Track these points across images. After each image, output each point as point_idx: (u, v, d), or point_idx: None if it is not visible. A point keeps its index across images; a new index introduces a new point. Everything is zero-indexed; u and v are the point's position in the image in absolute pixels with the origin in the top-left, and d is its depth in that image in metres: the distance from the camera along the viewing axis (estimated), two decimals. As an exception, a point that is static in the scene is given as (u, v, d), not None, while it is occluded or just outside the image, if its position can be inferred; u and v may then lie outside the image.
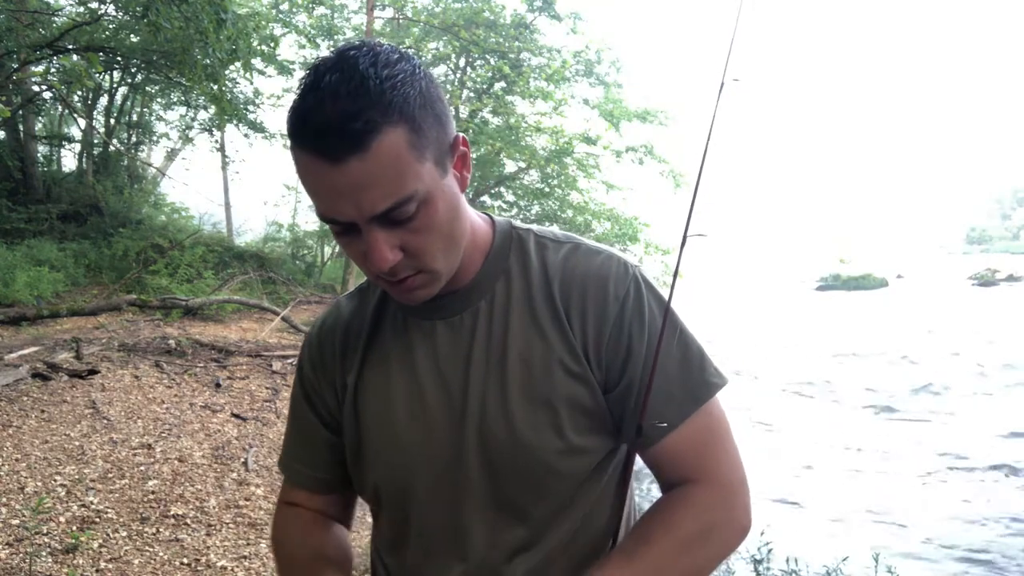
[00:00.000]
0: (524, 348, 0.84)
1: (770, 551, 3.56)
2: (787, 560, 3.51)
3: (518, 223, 0.92)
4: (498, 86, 13.68)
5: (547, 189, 14.61)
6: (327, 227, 0.80)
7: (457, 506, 0.85)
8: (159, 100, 14.90)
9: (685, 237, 0.86)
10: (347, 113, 0.68)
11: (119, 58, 11.50)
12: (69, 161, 14.25)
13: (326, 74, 0.70)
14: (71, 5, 11.34)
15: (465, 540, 0.85)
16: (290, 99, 0.75)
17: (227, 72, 10.37)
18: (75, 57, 10.09)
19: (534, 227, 0.92)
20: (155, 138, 15.63)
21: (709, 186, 0.89)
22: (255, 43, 9.67)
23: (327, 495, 0.97)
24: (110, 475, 4.05)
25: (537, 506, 0.84)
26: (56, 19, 10.42)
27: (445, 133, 0.76)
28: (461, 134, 0.80)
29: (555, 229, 0.93)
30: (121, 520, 3.55)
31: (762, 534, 3.74)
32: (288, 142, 0.74)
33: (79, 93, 12.67)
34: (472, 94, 14.39)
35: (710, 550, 0.80)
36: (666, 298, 0.86)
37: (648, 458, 0.86)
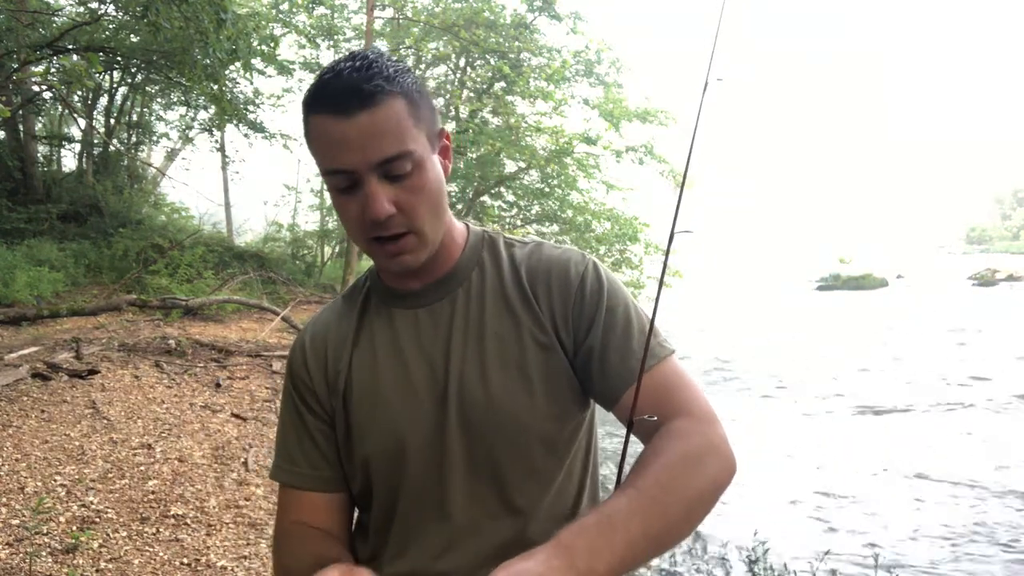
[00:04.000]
0: (498, 326, 0.94)
1: (766, 551, 3.56)
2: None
3: (488, 228, 1.05)
4: (498, 86, 13.67)
5: (547, 189, 14.59)
6: (327, 228, 0.83)
7: (442, 470, 0.92)
8: (159, 100, 14.89)
9: (672, 234, 0.92)
10: (360, 79, 0.81)
11: (119, 58, 11.50)
12: (69, 161, 14.26)
13: (342, 62, 0.84)
14: (71, 5, 11.34)
15: (448, 502, 0.92)
16: (290, 99, 0.80)
17: (227, 72, 10.38)
18: (75, 57, 10.08)
19: (503, 232, 1.04)
20: (155, 138, 15.62)
21: (707, 185, 0.91)
22: (255, 43, 9.65)
23: (335, 492, 1.00)
24: (110, 475, 4.05)
25: (512, 469, 0.92)
26: (56, 19, 10.41)
27: (434, 120, 0.90)
28: (447, 129, 0.92)
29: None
30: (121, 520, 3.55)
31: (755, 534, 3.75)
32: (287, 143, 0.78)
33: (79, 93, 12.66)
34: (472, 94, 14.38)
35: (701, 476, 0.82)
36: (620, 283, 0.98)
37: (621, 414, 0.92)
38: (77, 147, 13.80)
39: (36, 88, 11.31)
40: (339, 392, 0.97)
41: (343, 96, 0.81)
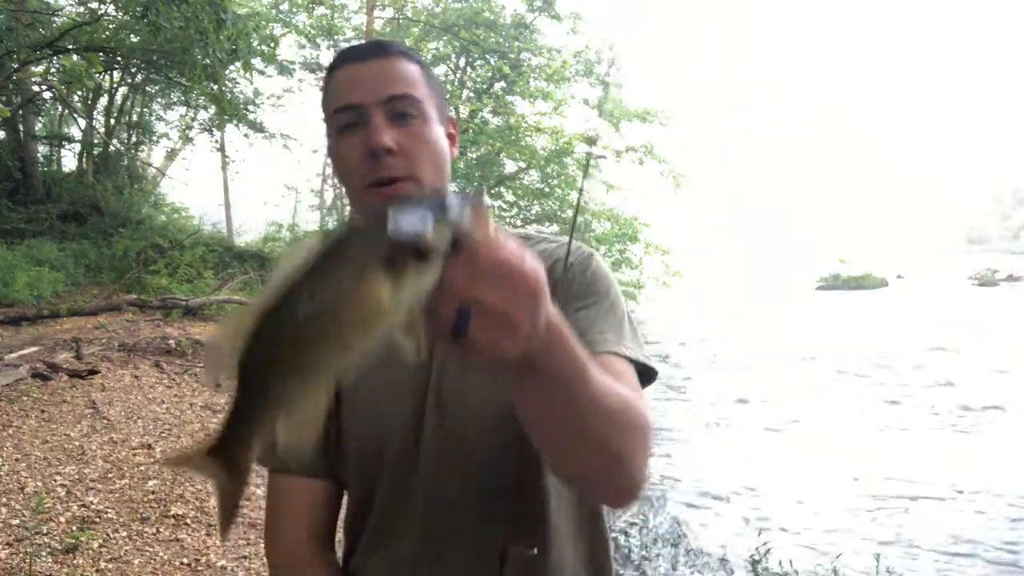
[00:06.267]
0: None
1: (767, 552, 3.57)
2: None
3: None
4: (498, 86, 13.68)
5: (547, 189, 14.61)
6: (327, 228, 0.80)
7: (418, 466, 0.88)
8: (159, 100, 14.92)
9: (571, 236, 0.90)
10: (379, 44, 0.89)
11: (119, 58, 11.51)
12: (69, 161, 14.28)
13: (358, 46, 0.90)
14: (71, 5, 11.36)
15: (420, 506, 0.89)
16: (290, 99, 0.79)
17: (227, 72, 10.39)
18: (75, 57, 10.09)
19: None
20: (155, 138, 15.65)
21: (708, 186, 0.88)
22: (255, 43, 9.66)
23: (319, 479, 0.95)
24: (110, 475, 4.05)
25: (495, 474, 0.87)
26: (56, 19, 10.44)
27: (444, 105, 0.92)
28: (454, 119, 0.95)
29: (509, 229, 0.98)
30: (121, 520, 3.55)
31: (759, 534, 3.75)
32: (287, 143, 0.78)
33: (79, 93, 12.67)
34: (472, 94, 14.39)
35: (633, 426, 0.69)
36: (613, 276, 0.94)
37: None
38: (77, 147, 13.82)
39: (36, 88, 11.32)
40: None
41: (363, 48, 0.88)
